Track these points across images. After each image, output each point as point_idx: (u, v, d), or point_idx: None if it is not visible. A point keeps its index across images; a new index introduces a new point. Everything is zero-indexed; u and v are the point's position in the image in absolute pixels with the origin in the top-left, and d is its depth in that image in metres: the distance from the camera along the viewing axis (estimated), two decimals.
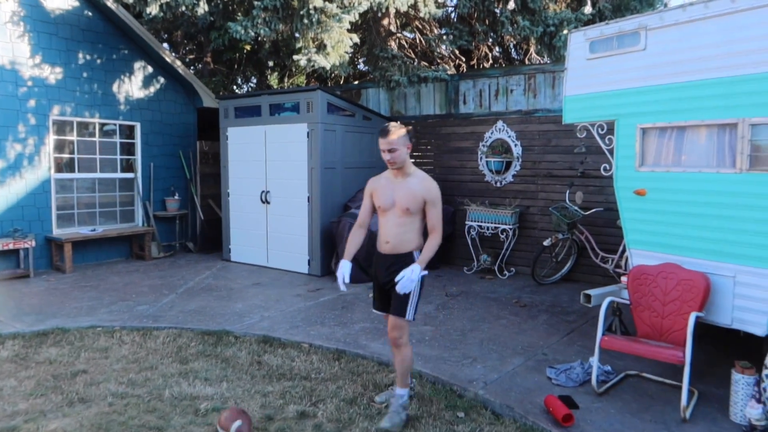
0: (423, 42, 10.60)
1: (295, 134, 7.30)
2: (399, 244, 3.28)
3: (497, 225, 7.20)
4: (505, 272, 7.27)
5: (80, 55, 7.86)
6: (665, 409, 3.51)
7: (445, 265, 7.89)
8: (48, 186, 7.58)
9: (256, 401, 3.58)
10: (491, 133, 7.75)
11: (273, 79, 13.67)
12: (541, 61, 10.05)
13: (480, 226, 7.37)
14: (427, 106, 8.56)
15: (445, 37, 9.42)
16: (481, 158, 7.85)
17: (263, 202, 7.73)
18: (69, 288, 6.52)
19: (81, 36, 7.84)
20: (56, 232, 7.64)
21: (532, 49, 10.48)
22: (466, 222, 7.47)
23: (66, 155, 7.87)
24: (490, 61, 11.32)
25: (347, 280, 3.35)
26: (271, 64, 12.51)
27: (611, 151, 4.50)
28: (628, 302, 4.02)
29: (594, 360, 3.81)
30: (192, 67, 12.07)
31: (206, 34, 10.38)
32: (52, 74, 7.57)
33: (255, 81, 13.47)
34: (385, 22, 9.25)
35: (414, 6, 7.46)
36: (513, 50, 11.70)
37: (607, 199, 6.56)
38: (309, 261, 7.33)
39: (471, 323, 5.24)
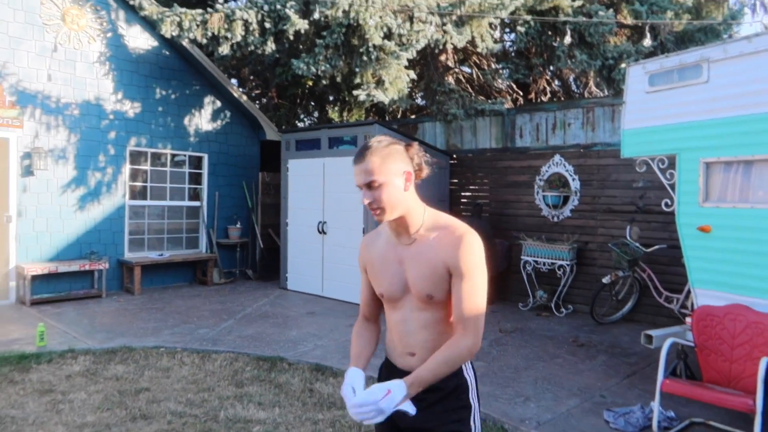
0: (480, 76, 10.71)
1: (352, 167, 7.48)
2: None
3: (554, 260, 7.05)
4: (562, 309, 7.07)
5: (157, 91, 8.45)
6: None
7: (499, 301, 7.76)
8: (122, 212, 8.10)
9: (307, 428, 3.63)
10: (548, 167, 7.66)
11: (333, 113, 14.12)
12: (601, 95, 9.91)
13: (536, 262, 7.24)
14: (483, 140, 8.59)
15: (502, 71, 9.51)
16: (537, 192, 7.76)
17: (320, 233, 7.93)
18: (137, 309, 6.88)
19: (158, 73, 8.45)
20: (127, 255, 8.11)
21: (591, 83, 10.37)
22: (522, 257, 7.36)
23: (139, 183, 8.40)
24: (548, 95, 11.27)
25: (358, 394, 1.70)
26: (331, 98, 12.95)
27: (672, 186, 4.37)
28: (693, 345, 3.83)
29: (655, 404, 3.63)
30: (257, 102, 12.66)
31: (271, 71, 10.92)
32: (131, 108, 8.17)
33: (316, 115, 13.96)
34: (443, 57, 9.44)
35: (471, 42, 7.60)
36: (572, 83, 11.61)
37: (671, 235, 6.31)
38: None
39: (525, 361, 5.12)
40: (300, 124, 13.67)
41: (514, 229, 7.91)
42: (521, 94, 11.18)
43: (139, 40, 8.22)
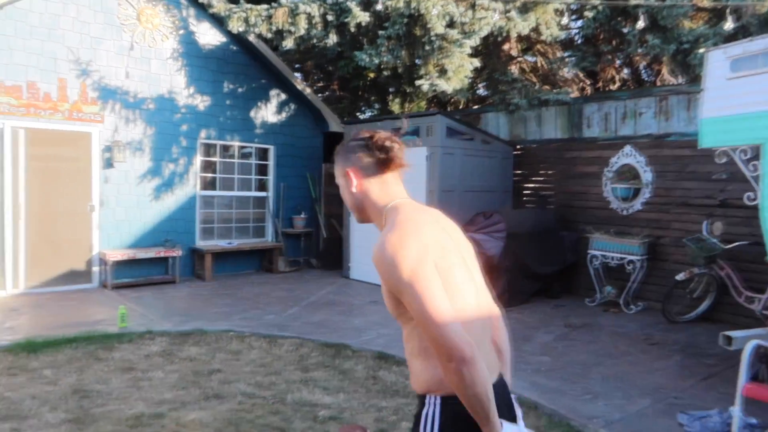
0: (545, 65, 10.41)
1: (415, 157, 7.49)
2: (412, 376, 1.57)
3: (623, 255, 6.78)
4: (632, 306, 6.80)
5: (225, 85, 8.75)
6: None
7: (566, 295, 7.56)
8: (194, 202, 8.47)
9: (371, 415, 3.69)
10: (617, 159, 7.36)
11: (394, 105, 14.13)
12: (674, 82, 9.40)
13: (604, 256, 6.99)
14: (548, 130, 8.35)
15: (567, 60, 9.18)
16: (606, 184, 7.48)
17: None
18: (208, 294, 7.19)
19: (226, 68, 8.74)
20: (199, 243, 8.49)
21: (664, 70, 9.84)
22: (589, 251, 7.12)
23: (209, 174, 8.75)
24: (618, 83, 10.80)
25: None
26: (392, 90, 12.97)
27: (756, 179, 4.09)
28: None
29: (735, 410, 3.44)
30: (320, 95, 12.87)
31: (334, 64, 11.05)
32: (201, 102, 8.51)
33: (377, 107, 14.03)
34: (506, 46, 9.23)
35: (536, 29, 7.38)
36: (643, 71, 11.07)
37: (754, 231, 5.92)
38: None
39: (593, 357, 4.97)
40: (362, 116, 13.78)
41: (581, 222, 7.67)
42: (588, 82, 10.78)
43: (209, 36, 8.53)
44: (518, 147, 8.62)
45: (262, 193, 9.29)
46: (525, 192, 8.63)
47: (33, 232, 7.11)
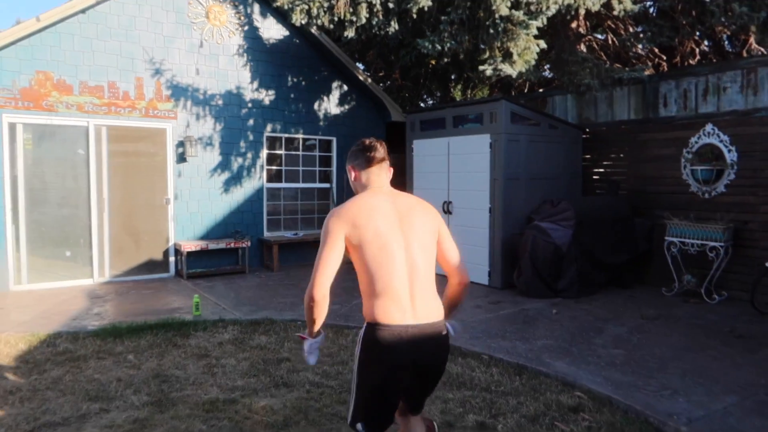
0: (616, 42, 9.86)
1: (478, 145, 7.33)
2: None
3: (704, 242, 6.37)
4: (715, 296, 6.38)
5: (288, 79, 8.91)
6: None
7: (639, 285, 7.21)
8: (261, 194, 8.72)
9: (437, 406, 3.66)
10: (698, 138, 6.90)
11: (456, 92, 13.92)
12: (764, 53, 8.67)
13: (683, 243, 6.59)
14: (620, 112, 7.94)
15: (642, 35, 8.65)
16: (684, 167, 7.03)
17: (445, 212, 7.90)
18: (276, 284, 7.40)
19: (289, 62, 8.89)
20: (266, 234, 8.74)
21: (751, 39, 9.08)
22: (666, 238, 6.74)
23: (275, 167, 8.97)
24: (697, 57, 10.08)
25: None
26: (453, 77, 12.76)
27: None
28: None
29: None
30: (381, 84, 12.87)
31: (396, 53, 10.99)
32: (266, 96, 8.71)
33: (439, 95, 13.86)
34: (574, 24, 8.82)
35: (607, 4, 7.00)
36: (727, 42, 10.27)
37: None
38: (489, 273, 7.28)
39: (671, 351, 4.71)
40: (423, 105, 13.66)
41: (656, 208, 7.26)
42: (664, 58, 10.13)
43: (272, 30, 8.69)
44: (587, 131, 8.26)
45: (326, 185, 9.42)
46: (594, 178, 8.27)
47: (116, 225, 7.57)
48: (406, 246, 2.15)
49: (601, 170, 8.24)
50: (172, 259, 7.99)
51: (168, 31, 7.83)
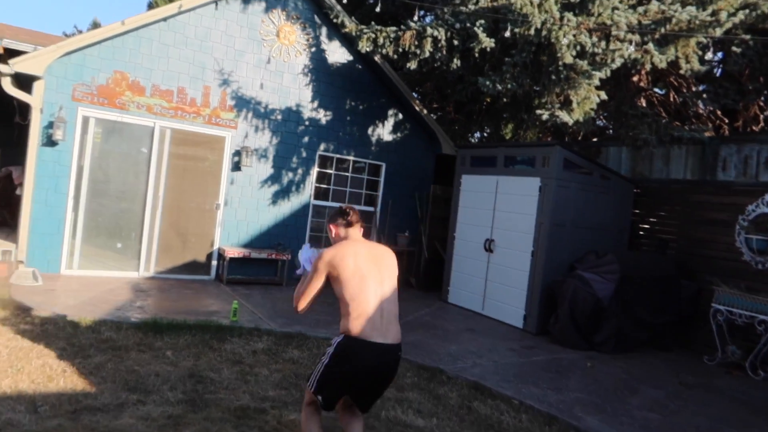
0: (677, 99, 9.77)
1: (527, 187, 7.33)
2: None
3: (754, 314, 6.15)
4: (760, 372, 6.12)
5: (347, 102, 9.15)
6: None
7: (679, 349, 6.99)
8: (307, 210, 8.90)
9: None
10: (756, 207, 6.72)
11: (507, 131, 13.94)
12: None
13: (730, 312, 6.37)
14: (676, 170, 7.82)
15: (704, 95, 8.54)
16: (739, 234, 6.84)
17: (486, 250, 7.88)
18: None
19: (350, 86, 9.14)
20: None
21: None
22: (713, 304, 6.54)
23: (323, 185, 9.16)
24: (761, 124, 9.86)
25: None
26: (505, 116, 12.81)
27: None
28: None
29: None
30: (433, 115, 13.03)
31: (452, 87, 11.14)
32: (323, 116, 8.95)
33: (489, 131, 13.91)
34: (636, 78, 8.80)
35: (674, 63, 6.97)
36: None
37: None
38: (525, 316, 7.19)
39: (710, 423, 4.54)
40: (472, 140, 13.73)
41: (705, 272, 7.07)
42: (726, 121, 9.94)
43: (337, 54, 8.98)
44: (639, 185, 8.15)
45: (370, 208, 9.54)
46: (640, 233, 8.12)
47: (166, 223, 7.85)
48: (380, 281, 2.81)
49: (647, 226, 8.10)
50: (214, 262, 8.21)
51: (239, 45, 8.19)
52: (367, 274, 2.77)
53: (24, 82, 6.84)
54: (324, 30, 8.84)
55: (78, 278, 7.09)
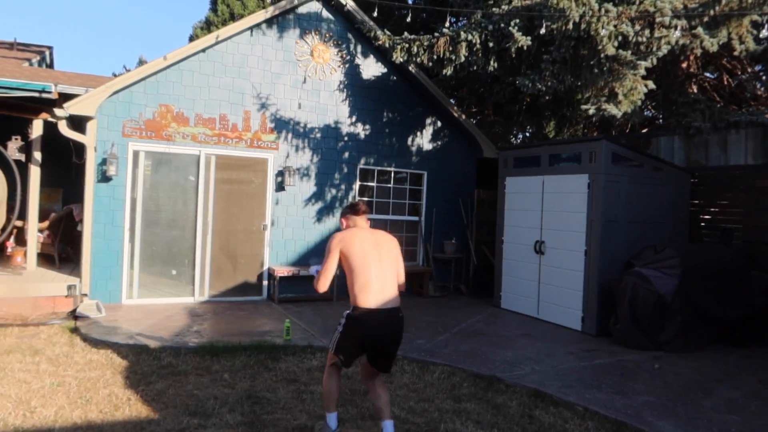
0: (731, 82, 9.28)
1: (575, 185, 7.11)
2: None
3: None
4: None
5: (384, 114, 9.16)
6: None
7: (755, 345, 6.55)
8: None
9: None
10: None
11: (550, 129, 13.63)
12: None
13: None
14: (736, 156, 7.41)
15: (762, 75, 8.09)
16: None
17: (537, 252, 7.67)
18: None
19: (386, 98, 9.16)
20: None
21: None
22: None
23: (366, 198, 9.17)
24: None
25: None
26: (547, 113, 12.52)
27: None
28: None
29: None
30: (472, 119, 12.88)
31: (489, 89, 11.00)
32: (362, 131, 9.00)
33: (531, 131, 13.63)
34: (684, 64, 8.42)
35: (727, 44, 6.61)
36: None
37: None
38: (583, 318, 6.93)
39: None
40: (514, 141, 13.49)
41: None
42: None
43: (371, 68, 9.02)
44: (696, 174, 7.76)
45: (414, 218, 9.49)
46: (701, 225, 7.71)
47: (217, 248, 8.04)
48: (379, 260, 3.44)
49: (708, 216, 7.69)
50: (265, 282, 8.33)
51: (276, 68, 8.36)
52: (368, 253, 3.42)
53: (78, 123, 7.19)
54: (357, 45, 8.91)
55: (138, 307, 7.34)
